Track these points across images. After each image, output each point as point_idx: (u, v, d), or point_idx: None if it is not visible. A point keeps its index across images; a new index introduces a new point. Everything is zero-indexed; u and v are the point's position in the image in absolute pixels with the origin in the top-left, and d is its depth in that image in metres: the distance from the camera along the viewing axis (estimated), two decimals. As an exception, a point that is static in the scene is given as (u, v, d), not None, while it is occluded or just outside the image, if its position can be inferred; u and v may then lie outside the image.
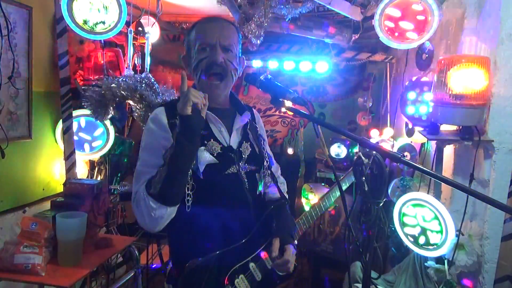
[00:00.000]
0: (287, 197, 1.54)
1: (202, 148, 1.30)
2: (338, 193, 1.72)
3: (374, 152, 1.38)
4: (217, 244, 1.27)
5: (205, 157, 1.30)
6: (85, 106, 2.52)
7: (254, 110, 1.56)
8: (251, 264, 1.32)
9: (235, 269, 1.28)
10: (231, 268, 1.27)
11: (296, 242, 1.42)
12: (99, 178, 2.86)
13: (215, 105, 1.38)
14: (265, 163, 1.44)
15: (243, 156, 1.38)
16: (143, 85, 2.45)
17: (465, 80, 1.74)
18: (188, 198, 1.28)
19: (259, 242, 1.36)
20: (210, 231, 1.30)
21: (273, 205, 1.43)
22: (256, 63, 3.78)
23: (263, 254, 1.35)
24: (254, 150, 1.43)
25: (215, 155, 1.32)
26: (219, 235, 1.30)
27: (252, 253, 1.33)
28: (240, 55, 1.41)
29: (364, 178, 1.41)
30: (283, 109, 1.27)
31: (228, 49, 1.34)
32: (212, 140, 1.33)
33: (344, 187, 2.04)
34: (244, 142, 1.41)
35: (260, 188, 1.43)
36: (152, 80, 2.57)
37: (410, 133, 2.40)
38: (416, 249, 1.97)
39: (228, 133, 1.38)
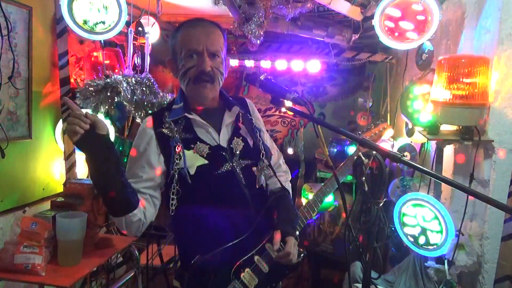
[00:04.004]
0: (289, 186, 1.55)
1: (190, 152, 1.32)
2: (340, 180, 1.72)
3: (374, 152, 1.39)
4: (220, 242, 1.28)
5: (194, 160, 1.32)
6: (77, 96, 2.51)
7: (249, 101, 1.55)
8: (256, 257, 1.33)
9: (240, 263, 1.29)
10: (235, 263, 1.28)
11: (298, 232, 1.42)
12: (99, 178, 2.86)
13: (203, 105, 1.40)
14: (261, 155, 1.43)
15: (236, 152, 1.39)
16: (143, 88, 2.45)
17: (465, 80, 1.74)
18: (172, 202, 1.31)
19: (262, 235, 1.37)
20: (211, 230, 1.31)
21: (273, 197, 1.44)
22: (256, 63, 3.78)
23: (268, 246, 1.36)
24: (247, 144, 1.43)
25: (204, 156, 1.33)
26: (221, 233, 1.31)
27: (256, 246, 1.34)
28: (225, 57, 1.41)
29: (364, 178, 1.41)
30: (283, 109, 1.27)
31: (215, 55, 1.34)
32: (198, 142, 1.35)
33: (341, 180, 2.04)
34: (234, 138, 1.41)
35: (261, 181, 1.43)
36: (152, 80, 2.57)
37: (410, 133, 2.40)
38: (416, 249, 1.97)
39: (217, 132, 1.39)
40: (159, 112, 1.43)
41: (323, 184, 1.70)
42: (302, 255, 1.40)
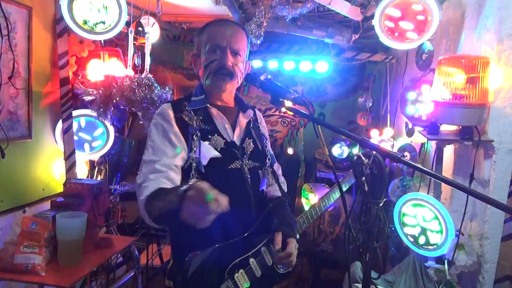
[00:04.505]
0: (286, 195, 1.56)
1: (206, 143, 1.33)
2: (337, 194, 1.74)
3: (374, 152, 1.38)
4: (218, 239, 1.28)
5: (209, 151, 1.33)
6: (88, 106, 2.53)
7: (257, 111, 1.61)
8: (251, 260, 1.33)
9: (235, 263, 1.29)
10: (230, 263, 1.28)
11: (298, 236, 1.44)
12: (99, 178, 2.86)
13: (221, 102, 1.44)
14: (267, 160, 1.47)
15: (246, 152, 1.42)
16: (143, 87, 2.45)
17: (465, 80, 1.74)
18: None
19: (259, 238, 1.37)
20: (211, 225, 1.30)
21: (274, 202, 1.46)
22: (256, 63, 3.78)
23: (263, 250, 1.36)
24: (257, 147, 1.47)
25: (218, 149, 1.35)
26: (220, 230, 1.30)
27: (253, 248, 1.35)
28: (247, 59, 1.46)
29: (364, 178, 1.40)
30: (283, 109, 1.27)
31: (237, 53, 1.38)
32: (216, 135, 1.37)
33: (344, 189, 2.04)
34: (247, 138, 1.45)
35: (263, 185, 1.46)
36: (153, 80, 2.57)
37: (410, 133, 2.40)
38: (416, 249, 1.97)
39: (232, 129, 1.42)
40: (177, 101, 1.45)
41: (321, 198, 1.70)
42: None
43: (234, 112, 1.46)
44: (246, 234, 1.31)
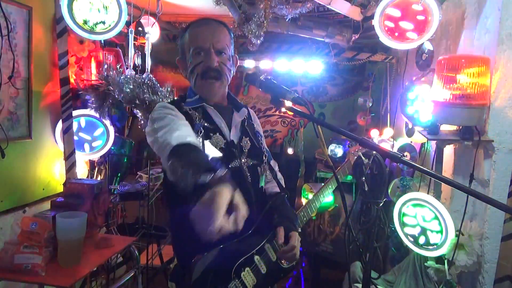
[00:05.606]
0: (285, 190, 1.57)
1: (207, 141, 1.33)
2: (334, 185, 1.73)
3: (374, 152, 1.38)
4: (220, 238, 1.28)
5: (211, 150, 1.33)
6: (88, 103, 2.53)
7: (250, 109, 1.60)
8: (256, 257, 1.33)
9: (241, 262, 1.29)
10: (236, 262, 1.28)
11: (300, 230, 1.44)
12: (99, 178, 2.86)
13: (214, 102, 1.43)
14: (264, 157, 1.48)
15: (244, 150, 1.42)
16: (146, 88, 2.46)
17: (465, 80, 1.74)
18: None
19: (262, 235, 1.38)
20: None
21: (273, 199, 1.46)
22: (256, 63, 3.78)
23: (267, 247, 1.37)
24: (254, 144, 1.47)
25: (218, 149, 1.35)
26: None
27: (257, 245, 1.35)
28: (232, 54, 1.45)
29: (364, 178, 1.41)
30: (283, 109, 1.27)
31: (222, 52, 1.38)
32: (217, 134, 1.37)
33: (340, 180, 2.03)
34: (243, 137, 1.45)
35: (262, 182, 1.46)
36: (154, 81, 2.57)
37: (410, 133, 2.40)
38: (416, 249, 1.97)
39: (228, 128, 1.42)
40: (174, 101, 1.43)
41: (317, 191, 1.70)
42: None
43: (228, 111, 1.46)
44: (249, 232, 1.30)
